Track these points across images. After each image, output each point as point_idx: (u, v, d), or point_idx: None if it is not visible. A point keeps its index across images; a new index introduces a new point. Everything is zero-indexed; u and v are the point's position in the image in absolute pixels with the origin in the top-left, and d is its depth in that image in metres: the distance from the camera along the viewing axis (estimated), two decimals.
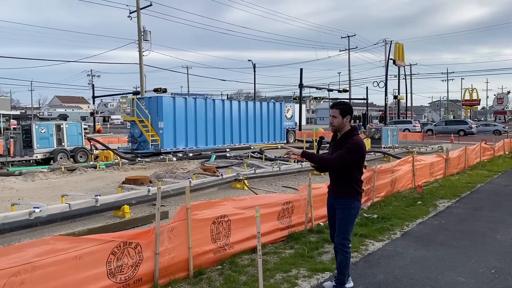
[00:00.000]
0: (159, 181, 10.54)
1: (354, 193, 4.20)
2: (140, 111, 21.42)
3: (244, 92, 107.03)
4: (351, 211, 4.21)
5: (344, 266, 4.22)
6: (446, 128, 41.13)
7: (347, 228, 4.22)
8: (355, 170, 4.19)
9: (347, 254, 4.19)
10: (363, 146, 4.18)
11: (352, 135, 4.19)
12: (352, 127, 4.26)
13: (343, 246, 4.19)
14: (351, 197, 4.20)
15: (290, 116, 30.46)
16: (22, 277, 3.25)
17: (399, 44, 44.42)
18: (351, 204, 4.20)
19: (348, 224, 4.22)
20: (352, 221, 4.27)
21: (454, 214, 7.96)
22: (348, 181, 4.19)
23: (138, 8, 30.86)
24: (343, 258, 4.20)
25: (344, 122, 4.21)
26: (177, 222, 4.69)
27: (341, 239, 4.20)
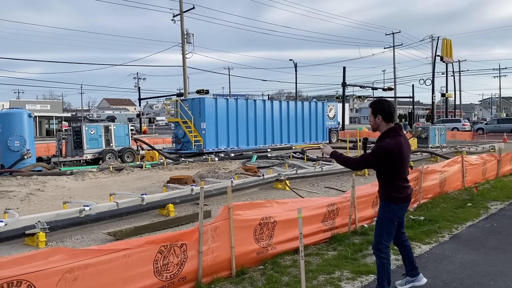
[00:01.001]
0: (201, 181, 10.71)
1: (389, 196, 4.08)
2: (184, 112, 21.86)
3: (285, 92, 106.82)
4: (384, 214, 4.10)
5: (381, 271, 4.08)
6: (498, 127, 39.12)
7: (381, 232, 4.10)
8: (391, 174, 4.04)
9: (383, 260, 4.05)
10: (392, 149, 3.93)
11: (385, 137, 4.03)
12: (390, 128, 4.07)
13: (377, 250, 4.09)
14: (386, 200, 4.11)
15: (332, 115, 30.06)
16: (76, 274, 3.40)
17: (446, 40, 42.77)
18: (385, 207, 4.11)
19: (382, 228, 4.10)
20: (386, 225, 4.09)
21: (508, 217, 7.56)
22: (385, 184, 4.12)
23: (182, 12, 31.51)
24: (378, 263, 4.11)
25: (377, 122, 4.08)
26: (220, 221, 4.75)
27: (376, 243, 4.12)
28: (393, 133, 4.03)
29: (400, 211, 4.14)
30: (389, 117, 4.07)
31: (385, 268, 4.06)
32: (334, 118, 30.28)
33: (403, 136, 4.11)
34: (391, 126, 4.07)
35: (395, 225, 4.12)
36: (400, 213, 4.15)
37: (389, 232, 4.11)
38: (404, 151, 4.03)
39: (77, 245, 6.34)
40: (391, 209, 4.07)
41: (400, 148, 3.98)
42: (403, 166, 4.06)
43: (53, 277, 3.27)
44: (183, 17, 31.60)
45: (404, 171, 4.10)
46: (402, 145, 4.00)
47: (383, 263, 4.05)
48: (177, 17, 31.92)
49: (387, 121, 4.07)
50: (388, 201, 4.08)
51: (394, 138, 3.99)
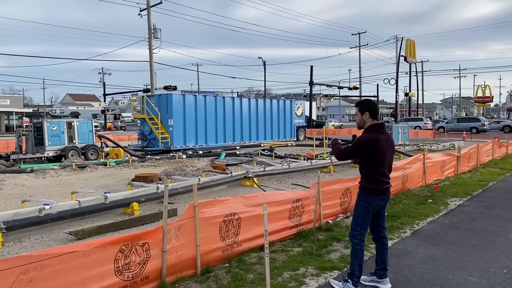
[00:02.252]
0: (168, 179, 10.57)
1: (365, 187, 4.30)
2: (150, 109, 21.51)
3: (254, 90, 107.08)
4: (360, 202, 4.33)
5: (353, 257, 4.31)
6: (458, 126, 40.64)
7: (357, 219, 4.34)
8: (367, 166, 4.28)
9: (356, 246, 4.27)
10: (368, 142, 4.18)
11: (365, 132, 4.30)
12: (372, 124, 4.30)
13: (352, 237, 4.34)
14: (361, 190, 4.36)
15: (300, 113, 30.35)
16: (31, 275, 3.27)
17: (410, 40, 44.00)
18: (361, 196, 4.34)
19: (357, 216, 4.34)
20: (361, 214, 4.31)
21: (466, 212, 7.85)
22: (362, 176, 4.38)
23: (148, 6, 30.97)
24: (352, 249, 4.35)
25: (364, 119, 4.31)
26: (185, 220, 4.69)
27: (351, 229, 4.40)
28: (373, 129, 4.27)
29: (375, 202, 4.30)
30: (375, 114, 4.32)
31: (358, 254, 4.25)
32: (301, 116, 30.58)
33: (385, 134, 4.31)
34: (375, 123, 4.31)
35: (370, 214, 4.31)
36: (375, 204, 4.31)
37: (364, 220, 4.31)
38: (382, 147, 4.21)
39: (36, 245, 6.12)
40: (366, 198, 4.29)
41: (377, 143, 4.18)
42: (380, 160, 4.23)
43: (6, 278, 3.13)
44: (150, 12, 31.07)
45: (382, 166, 4.27)
46: (380, 141, 4.20)
47: (356, 249, 4.26)
48: (144, 11, 31.37)
49: (373, 118, 4.31)
50: (364, 191, 4.32)
51: (373, 133, 4.23)
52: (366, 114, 4.29)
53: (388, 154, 4.31)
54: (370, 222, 4.36)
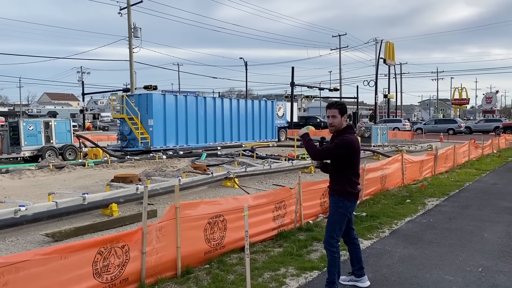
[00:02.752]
0: (148, 179, 10.47)
1: (344, 191, 4.16)
2: (130, 109, 21.25)
3: (236, 90, 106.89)
4: (338, 209, 4.17)
5: (332, 265, 4.16)
6: (435, 127, 41.43)
7: (334, 227, 4.17)
8: (347, 168, 4.17)
9: (334, 254, 4.15)
10: (353, 143, 4.14)
11: (345, 132, 4.19)
12: (348, 125, 4.26)
13: (329, 245, 4.17)
14: (340, 196, 4.18)
15: (281, 114, 30.46)
16: (6, 278, 3.19)
17: (389, 43, 44.64)
18: (339, 203, 4.17)
19: (334, 223, 4.18)
20: (338, 221, 4.17)
21: (443, 212, 8.01)
22: (340, 180, 4.19)
23: (129, 5, 30.61)
24: (330, 258, 4.18)
25: (343, 122, 4.21)
26: (166, 221, 4.65)
27: (328, 237, 4.19)
28: (351, 130, 4.26)
29: (352, 207, 4.28)
30: (344, 115, 4.27)
31: (336, 262, 4.16)
32: (283, 117, 30.70)
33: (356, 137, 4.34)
34: (350, 125, 4.32)
35: (346, 220, 4.24)
36: (352, 209, 4.30)
37: (341, 228, 4.22)
38: (359, 149, 4.27)
39: (12, 248, 5.98)
40: (344, 205, 4.17)
41: (357, 144, 4.23)
42: (358, 162, 4.27)
43: None
44: (130, 11, 30.71)
45: (358, 168, 4.32)
46: (358, 142, 4.27)
47: (335, 257, 4.15)
48: (124, 10, 30.99)
49: (346, 120, 4.28)
50: (343, 196, 4.17)
51: (352, 134, 4.23)
52: (344, 116, 4.24)
53: (359, 156, 4.33)
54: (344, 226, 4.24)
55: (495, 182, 11.74)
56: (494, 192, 10.08)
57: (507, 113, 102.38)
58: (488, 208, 8.35)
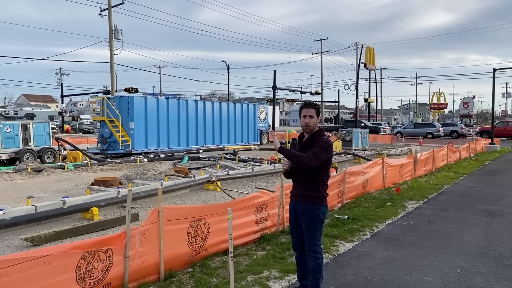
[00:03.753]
0: (129, 183, 10.37)
1: (319, 197, 4.00)
2: (110, 111, 21.00)
3: (217, 93, 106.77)
4: (317, 217, 3.99)
5: (317, 270, 4.01)
6: (414, 131, 42.15)
7: (316, 234, 4.01)
8: (322, 172, 4.00)
9: (319, 260, 4.01)
10: (332, 145, 4.05)
11: (321, 135, 4.06)
12: (321, 128, 4.13)
13: (313, 252, 4.00)
14: (316, 203, 3.98)
15: (263, 117, 30.55)
16: None
17: (370, 48, 45.20)
18: (316, 210, 3.98)
19: (316, 231, 4.02)
20: (320, 227, 4.05)
21: (422, 215, 8.16)
22: (315, 185, 3.97)
23: (110, 6, 30.29)
24: (315, 264, 3.99)
25: (317, 122, 4.07)
26: (149, 225, 4.62)
27: (311, 246, 4.00)
28: (323, 132, 4.13)
29: (327, 212, 4.17)
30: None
31: (320, 266, 4.03)
32: (265, 120, 30.79)
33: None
34: (321, 127, 4.17)
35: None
36: (327, 213, 4.20)
37: (321, 232, 4.11)
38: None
39: None
40: (321, 211, 4.02)
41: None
42: (330, 166, 4.14)
43: None
44: (111, 12, 30.38)
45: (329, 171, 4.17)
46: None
47: (319, 263, 4.01)
48: (105, 11, 30.63)
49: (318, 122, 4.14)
50: (320, 203, 4.00)
51: (326, 136, 4.10)
52: (319, 118, 4.10)
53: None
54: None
55: (472, 185, 12.02)
56: (472, 195, 10.32)
57: (483, 118, 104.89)
58: (466, 210, 8.55)
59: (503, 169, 16.24)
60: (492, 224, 7.41)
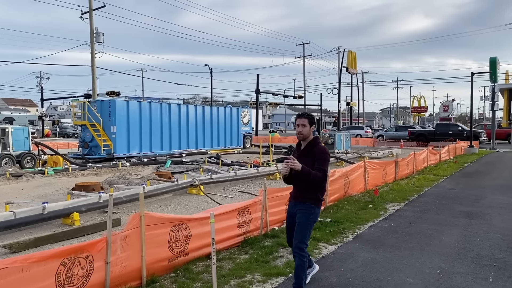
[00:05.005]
0: (111, 188, 10.25)
1: (316, 199, 4.37)
2: (92, 115, 20.76)
3: (201, 97, 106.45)
4: (310, 216, 4.33)
5: (301, 270, 4.25)
6: (396, 134, 42.70)
7: (305, 233, 4.30)
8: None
9: (304, 259, 4.25)
10: (328, 152, 4.46)
11: (317, 143, 4.42)
12: (316, 136, 4.50)
13: (300, 250, 4.25)
14: (312, 203, 4.35)
15: (247, 121, 30.58)
16: None
17: (351, 52, 45.75)
18: (311, 210, 4.34)
19: (306, 229, 4.31)
20: (311, 227, 4.39)
21: (403, 217, 8.27)
22: (314, 189, 4.34)
23: (91, 9, 29.98)
24: (300, 262, 4.24)
25: (311, 131, 4.43)
26: (130, 230, 4.57)
27: (298, 243, 4.27)
28: (318, 140, 4.51)
29: (319, 214, 4.57)
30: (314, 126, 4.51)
31: (305, 266, 4.29)
32: (248, 123, 30.83)
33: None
34: (316, 135, 4.54)
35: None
36: (319, 216, 4.56)
37: (310, 233, 4.46)
38: None
39: None
40: (315, 212, 4.39)
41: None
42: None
43: None
44: (92, 15, 30.07)
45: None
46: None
47: (304, 262, 4.25)
48: (86, 14, 30.30)
49: (313, 130, 4.50)
50: (315, 204, 4.36)
51: (321, 144, 4.49)
52: (313, 126, 4.45)
53: None
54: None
55: (452, 187, 12.25)
56: (451, 197, 10.51)
57: (462, 121, 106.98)
58: (446, 212, 8.70)
59: (481, 171, 16.59)
60: (470, 225, 7.56)
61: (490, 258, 5.68)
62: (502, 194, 10.86)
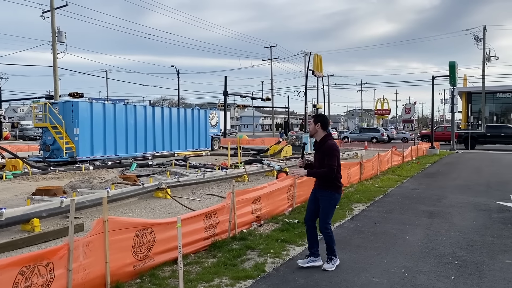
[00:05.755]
0: (73, 192, 9.92)
1: (335, 187, 5.29)
2: (54, 117, 20.08)
3: (167, 98, 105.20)
4: (331, 201, 5.30)
5: (331, 242, 5.27)
6: (360, 136, 43.71)
7: (328, 215, 5.32)
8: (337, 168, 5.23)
9: (330, 234, 5.28)
10: (337, 147, 5.32)
11: (326, 141, 5.29)
12: (328, 133, 5.36)
13: (325, 229, 5.25)
14: (332, 191, 5.28)
15: (215, 123, 30.42)
16: None
17: (317, 55, 46.31)
18: (332, 196, 5.29)
19: (329, 212, 5.32)
20: (332, 210, 5.38)
21: (368, 217, 8.43)
22: (328, 180, 5.24)
23: (52, 8, 29.05)
24: (327, 238, 5.26)
25: (316, 129, 5.30)
26: (94, 235, 4.43)
27: (323, 223, 5.28)
28: (330, 137, 5.37)
29: (339, 198, 5.45)
30: (326, 126, 5.36)
31: (332, 238, 5.30)
32: (216, 125, 30.67)
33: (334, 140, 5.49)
34: (328, 133, 5.38)
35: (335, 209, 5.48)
36: (339, 199, 5.46)
37: (332, 215, 5.45)
38: (339, 150, 5.44)
39: None
40: (335, 197, 5.33)
41: (337, 146, 5.38)
42: (339, 162, 5.34)
43: None
44: (54, 14, 29.15)
45: (341, 166, 5.38)
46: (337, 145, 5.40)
47: (330, 236, 5.30)
48: (47, 13, 29.36)
49: (324, 129, 5.34)
50: (335, 190, 5.30)
51: (333, 140, 5.36)
52: (318, 124, 5.28)
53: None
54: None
55: (414, 187, 12.60)
56: (414, 197, 10.80)
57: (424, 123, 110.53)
58: (409, 212, 8.93)
59: (442, 171, 17.16)
60: (433, 224, 7.78)
61: (452, 256, 5.86)
62: (462, 193, 11.26)
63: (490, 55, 49.45)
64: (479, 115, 52.69)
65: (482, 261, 5.65)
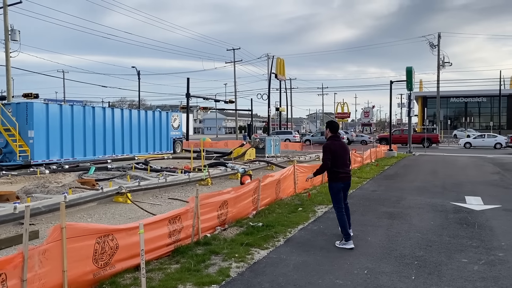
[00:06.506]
0: (28, 197, 9.48)
1: (331, 178, 6.72)
2: (6, 118, 19.16)
3: (127, 100, 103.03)
4: (330, 190, 6.82)
5: (339, 220, 6.62)
6: (322, 139, 44.29)
7: (334, 199, 6.78)
8: (330, 163, 6.58)
9: (339, 213, 6.62)
10: (330, 146, 6.64)
11: (328, 140, 6.80)
12: (331, 135, 6.79)
13: (335, 208, 6.76)
14: (329, 181, 6.81)
15: (177, 125, 30.01)
16: None
17: (280, 59, 46.83)
18: (330, 185, 6.81)
19: (333, 198, 6.80)
20: (334, 196, 6.73)
21: (331, 219, 8.52)
22: (328, 173, 6.77)
23: (5, 5, 27.75)
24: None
25: (327, 132, 6.88)
26: (50, 243, 4.22)
27: (334, 203, 6.81)
28: (331, 139, 6.77)
29: (337, 186, 6.68)
30: (334, 129, 6.86)
31: (343, 218, 6.56)
32: (178, 128, 30.27)
33: (340, 141, 6.82)
34: (332, 135, 6.80)
35: (340, 193, 6.71)
36: (338, 186, 6.68)
37: (337, 199, 6.71)
38: (338, 149, 6.65)
39: None
40: (332, 186, 6.74)
41: (334, 146, 6.65)
42: (337, 158, 6.60)
43: None
44: (7, 11, 27.85)
45: (338, 162, 6.59)
46: (336, 145, 6.68)
47: (340, 214, 6.61)
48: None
49: (332, 132, 6.83)
50: (331, 180, 6.75)
51: (331, 141, 6.74)
52: (327, 129, 6.86)
53: (342, 153, 6.66)
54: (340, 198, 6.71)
55: (374, 189, 12.90)
56: (375, 199, 11.06)
57: (382, 126, 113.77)
58: (370, 213, 9.12)
59: (400, 173, 17.70)
60: (393, 225, 7.98)
61: (412, 256, 6.02)
62: (419, 195, 11.64)
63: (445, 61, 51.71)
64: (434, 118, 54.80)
65: (441, 260, 5.83)
